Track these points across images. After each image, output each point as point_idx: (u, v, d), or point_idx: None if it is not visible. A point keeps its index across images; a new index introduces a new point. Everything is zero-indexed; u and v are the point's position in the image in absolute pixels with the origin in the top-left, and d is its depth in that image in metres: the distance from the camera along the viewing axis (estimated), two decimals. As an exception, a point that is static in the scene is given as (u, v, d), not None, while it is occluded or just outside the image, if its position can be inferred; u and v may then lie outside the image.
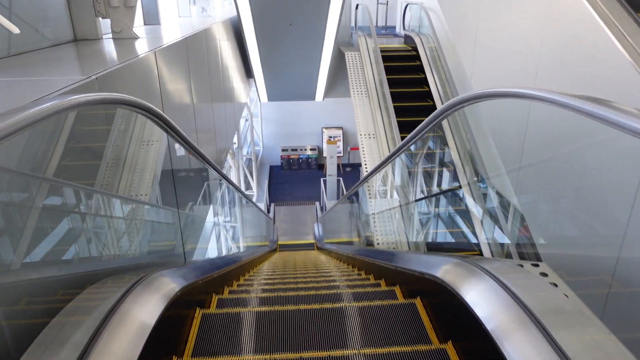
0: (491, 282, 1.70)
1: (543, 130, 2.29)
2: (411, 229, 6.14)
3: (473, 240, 5.74)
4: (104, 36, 3.64)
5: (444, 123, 7.51)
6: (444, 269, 2.00)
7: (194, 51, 4.21)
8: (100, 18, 3.55)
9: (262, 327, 1.83)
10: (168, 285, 1.72)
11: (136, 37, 3.59)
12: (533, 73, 3.44)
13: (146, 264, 1.99)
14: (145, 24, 5.16)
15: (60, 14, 3.24)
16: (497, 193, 4.84)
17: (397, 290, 2.33)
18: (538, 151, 2.68)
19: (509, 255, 4.17)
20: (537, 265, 2.09)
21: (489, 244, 4.98)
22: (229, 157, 7.93)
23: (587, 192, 2.05)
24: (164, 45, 3.21)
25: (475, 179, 6.51)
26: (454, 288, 1.84)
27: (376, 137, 8.12)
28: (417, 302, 2.02)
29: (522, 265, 2.08)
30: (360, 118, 8.39)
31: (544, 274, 2.02)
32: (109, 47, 3.26)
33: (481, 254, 5.16)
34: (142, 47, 3.28)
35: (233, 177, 8.21)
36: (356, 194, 11.04)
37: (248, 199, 6.63)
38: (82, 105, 1.15)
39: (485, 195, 5.27)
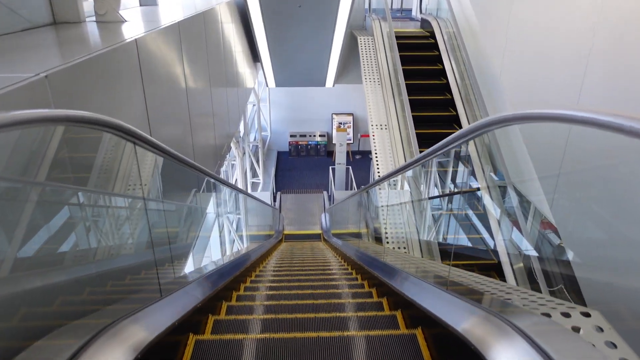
0: (528, 349, 1.34)
1: (591, 144, 1.88)
2: (423, 226, 5.75)
3: (489, 242, 5.33)
4: (87, 19, 3.24)
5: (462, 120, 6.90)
6: (470, 324, 1.63)
7: (190, 36, 3.79)
8: (82, -2, 3.14)
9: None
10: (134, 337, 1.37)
11: (123, 21, 3.19)
12: (579, 77, 2.97)
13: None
14: (141, 5, 4.74)
15: (37, -8, 2.84)
16: (518, 193, 4.39)
17: (419, 335, 1.96)
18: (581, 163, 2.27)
19: (529, 271, 3.78)
20: (588, 315, 1.70)
21: (508, 254, 4.59)
22: (232, 146, 7.55)
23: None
24: (150, 31, 2.81)
25: (495, 178, 6.04)
26: (479, 350, 1.47)
27: (388, 128, 7.68)
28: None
29: (568, 315, 1.69)
30: (372, 108, 7.94)
31: (599, 328, 1.63)
32: (89, 31, 2.87)
33: (499, 262, 4.77)
34: (127, 31, 2.88)
35: (237, 167, 7.84)
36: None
37: (251, 196, 6.26)
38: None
39: (504, 194, 4.83)
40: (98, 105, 2.00)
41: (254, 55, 8.95)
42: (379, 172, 7.12)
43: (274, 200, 12.85)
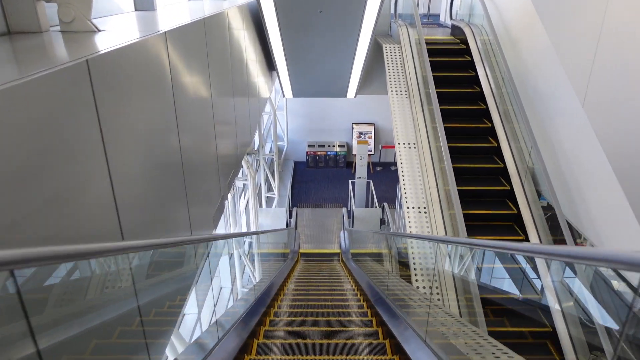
0: None
1: None
2: (460, 270, 4.94)
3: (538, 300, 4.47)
4: (52, 28, 2.55)
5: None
6: None
7: (185, 45, 3.09)
8: (44, 2, 2.46)
9: None
10: None
11: (95, 30, 2.50)
12: None
13: None
14: (136, 10, 4.06)
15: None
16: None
17: None
18: None
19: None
20: None
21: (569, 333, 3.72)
22: (244, 164, 6.86)
23: None
24: (126, 43, 2.10)
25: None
26: None
27: (417, 145, 6.89)
28: None
29: None
30: (399, 124, 7.16)
31: None
32: (44, 45, 2.17)
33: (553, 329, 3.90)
34: (92, 45, 2.19)
35: (249, 187, 7.14)
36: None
37: (262, 232, 5.53)
38: None
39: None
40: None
41: (269, 64, 8.26)
42: (406, 196, 6.33)
43: (290, 217, 12.14)
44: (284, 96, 10.48)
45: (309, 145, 16.45)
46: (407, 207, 6.18)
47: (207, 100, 3.66)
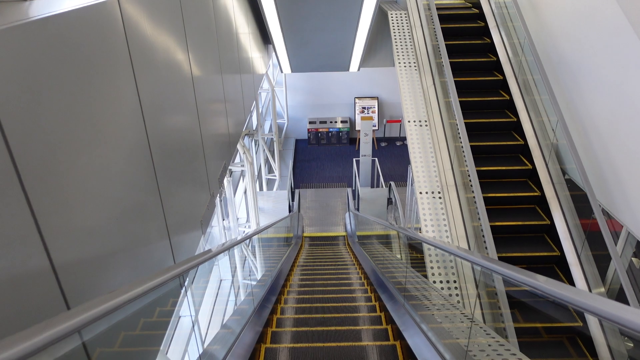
0: None
1: None
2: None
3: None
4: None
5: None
6: None
7: (150, 9, 2.47)
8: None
9: None
10: None
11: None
12: None
13: None
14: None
15: None
16: None
17: None
18: None
19: None
20: None
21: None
22: (239, 149, 6.26)
23: None
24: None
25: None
26: None
27: (429, 124, 6.27)
28: None
29: None
30: (408, 99, 6.52)
31: None
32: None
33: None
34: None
35: (247, 174, 6.56)
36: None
37: (262, 229, 4.98)
38: None
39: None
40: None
41: (265, 37, 7.56)
42: (418, 181, 5.76)
43: (292, 200, 11.60)
44: (282, 72, 9.79)
45: (310, 122, 15.79)
46: (420, 193, 5.63)
47: (185, 78, 3.04)
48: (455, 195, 5.54)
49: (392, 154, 15.24)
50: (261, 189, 11.37)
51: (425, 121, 6.27)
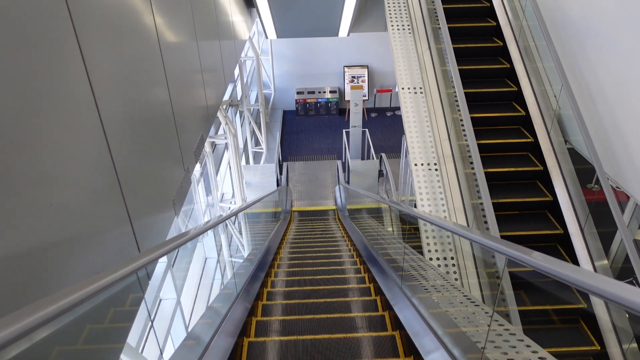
0: None
1: None
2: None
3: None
4: None
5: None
6: None
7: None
8: None
9: None
10: None
11: None
12: None
13: None
14: None
15: None
16: None
17: None
18: None
19: None
20: None
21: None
22: (220, 118, 5.84)
23: None
24: None
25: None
26: None
27: (424, 92, 5.89)
28: None
29: None
30: (402, 65, 6.10)
31: None
32: None
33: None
34: None
35: (230, 147, 6.16)
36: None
37: (247, 207, 4.63)
38: None
39: None
40: None
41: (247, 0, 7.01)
42: (413, 151, 5.42)
43: (280, 173, 11.23)
44: (267, 37, 9.24)
45: (297, 93, 15.26)
46: (415, 165, 5.30)
47: (150, 45, 2.62)
48: (452, 167, 5.23)
49: (383, 124, 14.85)
50: (248, 162, 10.96)
51: (420, 88, 5.88)
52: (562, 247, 4.56)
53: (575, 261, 4.33)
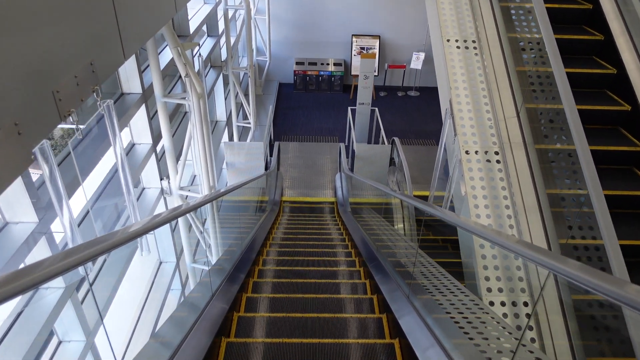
0: None
1: None
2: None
3: None
4: None
5: None
6: None
7: None
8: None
9: None
10: None
11: None
12: None
13: None
14: None
15: None
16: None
17: None
18: None
19: None
20: None
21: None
22: (182, 71, 3.98)
23: None
24: None
25: None
26: None
27: (477, 45, 4.03)
28: None
29: None
30: (445, 3, 4.21)
31: None
32: None
33: None
34: None
35: (193, 114, 4.26)
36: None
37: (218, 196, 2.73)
38: None
39: None
40: None
41: None
42: (464, 134, 3.59)
43: (270, 155, 9.38)
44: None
45: (297, 63, 13.29)
46: (467, 152, 3.48)
47: None
48: (524, 156, 3.41)
49: (393, 105, 12.95)
50: (231, 138, 9.09)
51: (474, 41, 4.02)
52: None
53: None
